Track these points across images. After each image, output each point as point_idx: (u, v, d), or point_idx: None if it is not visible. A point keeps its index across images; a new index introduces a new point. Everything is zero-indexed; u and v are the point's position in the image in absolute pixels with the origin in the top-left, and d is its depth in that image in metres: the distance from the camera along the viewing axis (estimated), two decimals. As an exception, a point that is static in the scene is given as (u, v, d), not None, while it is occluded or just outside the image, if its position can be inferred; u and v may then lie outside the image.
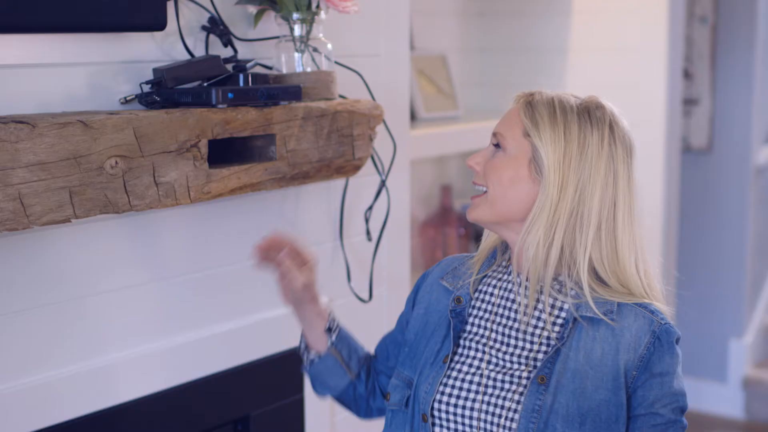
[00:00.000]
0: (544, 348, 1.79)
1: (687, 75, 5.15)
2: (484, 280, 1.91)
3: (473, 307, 1.89)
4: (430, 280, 1.99)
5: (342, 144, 2.28)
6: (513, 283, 1.87)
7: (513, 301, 1.85)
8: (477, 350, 1.84)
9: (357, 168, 2.35)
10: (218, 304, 2.30)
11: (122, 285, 2.09)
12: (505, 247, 1.92)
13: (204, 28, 2.15)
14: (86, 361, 2.04)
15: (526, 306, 1.82)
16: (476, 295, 1.90)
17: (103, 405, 2.08)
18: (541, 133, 1.78)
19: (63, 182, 1.75)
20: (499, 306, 1.87)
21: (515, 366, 1.80)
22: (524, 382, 1.77)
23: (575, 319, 1.79)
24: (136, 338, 2.14)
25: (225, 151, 2.09)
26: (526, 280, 1.82)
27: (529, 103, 1.82)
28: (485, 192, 1.83)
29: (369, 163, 2.48)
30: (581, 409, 1.74)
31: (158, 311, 2.18)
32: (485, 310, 1.87)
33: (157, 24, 2.00)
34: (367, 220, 2.57)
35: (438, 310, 1.93)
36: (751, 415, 5.40)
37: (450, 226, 3.98)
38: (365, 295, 2.62)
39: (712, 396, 5.43)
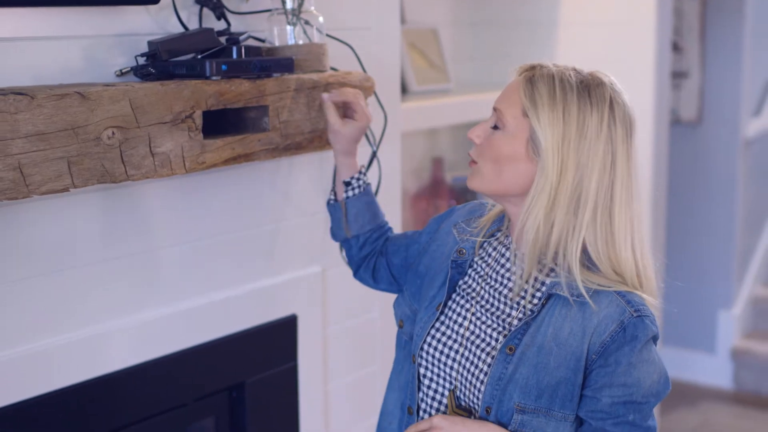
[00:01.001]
0: (519, 316, 1.83)
1: (676, 48, 5.18)
2: (490, 240, 1.96)
3: (474, 261, 1.95)
4: (451, 221, 2.07)
5: (334, 115, 2.31)
6: (511, 251, 1.90)
7: (505, 266, 1.91)
8: (466, 303, 1.91)
9: (349, 139, 2.38)
10: (214, 273, 2.34)
11: (118, 254, 2.12)
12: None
13: (197, 1, 2.17)
14: (82, 330, 2.07)
15: (520, 277, 1.85)
16: (480, 252, 1.95)
17: (98, 373, 2.11)
18: (539, 115, 1.78)
19: (61, 152, 1.79)
20: (493, 269, 1.92)
21: (492, 324, 1.85)
22: (497, 345, 1.82)
23: (550, 296, 1.82)
24: (132, 306, 2.17)
25: (219, 122, 2.12)
26: (523, 256, 1.85)
27: (530, 81, 1.81)
28: (475, 162, 1.88)
29: (361, 134, 2.51)
30: (540, 383, 1.77)
31: (154, 280, 2.21)
32: (482, 268, 1.93)
33: (151, -3, 2.03)
34: (358, 191, 2.60)
35: (443, 253, 2.01)
36: (739, 385, 5.46)
37: (441, 198, 4.01)
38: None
39: (701, 366, 5.49)
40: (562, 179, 1.78)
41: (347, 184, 2.22)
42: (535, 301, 1.83)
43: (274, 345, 2.50)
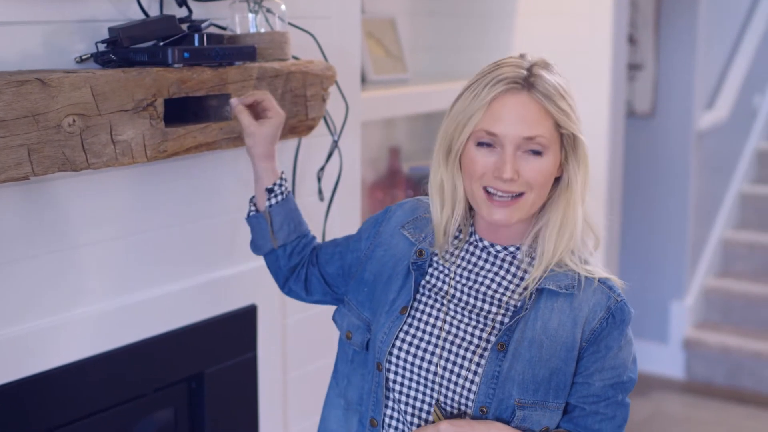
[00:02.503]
0: (504, 313, 1.83)
1: (632, 41, 5.22)
2: (465, 245, 1.91)
3: (434, 261, 1.91)
4: (393, 223, 1.99)
5: (295, 104, 2.30)
6: (478, 248, 1.89)
7: (476, 264, 1.88)
8: (435, 303, 1.87)
9: (310, 128, 2.38)
10: (174, 263, 2.32)
11: (77, 243, 2.10)
12: (469, 214, 1.91)
13: (159, -13, 2.16)
14: (39, 320, 2.05)
15: (502, 276, 1.86)
16: (441, 252, 1.91)
17: (56, 363, 2.09)
18: (573, 122, 1.80)
19: (21, 140, 1.76)
20: (465, 268, 1.89)
21: (475, 325, 1.83)
22: (484, 345, 1.81)
23: (537, 291, 1.82)
24: (90, 297, 2.15)
25: (181, 111, 2.10)
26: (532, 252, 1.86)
27: (545, 95, 1.78)
28: (521, 195, 1.79)
29: (321, 123, 2.51)
30: (536, 377, 1.79)
31: (113, 270, 2.19)
32: (446, 267, 1.89)
33: (113, -17, 2.01)
34: (319, 180, 2.60)
35: (395, 256, 1.94)
36: (691, 375, 5.52)
37: (398, 188, 4.01)
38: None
39: (653, 356, 5.54)
40: (583, 172, 1.84)
41: (270, 191, 2.08)
42: (516, 296, 1.84)
43: (233, 335, 2.49)
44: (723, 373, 5.45)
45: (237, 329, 2.50)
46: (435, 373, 1.83)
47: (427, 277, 1.90)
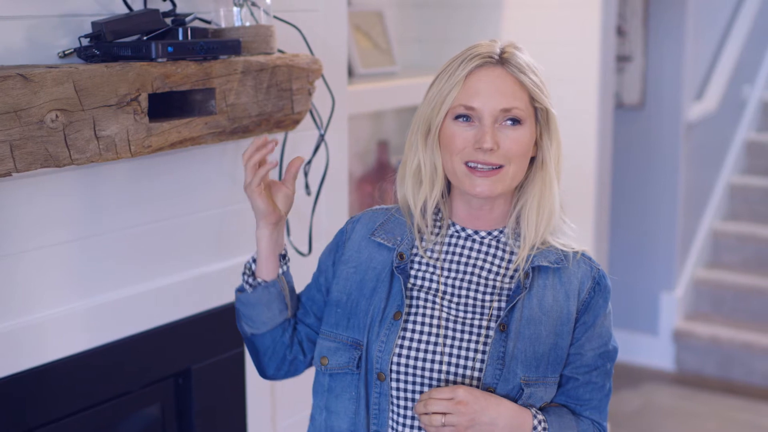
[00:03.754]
0: (498, 298, 1.84)
1: (620, 32, 5.21)
2: (444, 237, 1.90)
3: (413, 261, 1.89)
4: (358, 237, 1.94)
5: (281, 98, 2.29)
6: (461, 238, 1.89)
7: (462, 255, 1.88)
8: (427, 302, 1.85)
9: (296, 122, 2.37)
10: (159, 258, 2.31)
11: (62, 239, 2.09)
12: (437, 204, 1.90)
13: (143, -19, 2.14)
14: (25, 317, 2.04)
15: (491, 262, 1.87)
16: (413, 250, 1.89)
17: (43, 360, 2.08)
18: (545, 95, 1.83)
19: (3, 136, 1.75)
20: (444, 260, 1.88)
21: (472, 316, 1.83)
22: (485, 332, 1.82)
23: (531, 270, 1.84)
24: (77, 292, 2.14)
25: (165, 105, 2.09)
26: (511, 238, 1.88)
27: (519, 69, 1.81)
28: (501, 167, 1.80)
29: (307, 118, 2.49)
30: (537, 353, 1.82)
31: (99, 265, 2.18)
32: (427, 264, 1.88)
33: (96, -23, 2.00)
34: (306, 174, 2.58)
35: (373, 267, 1.90)
36: (681, 367, 5.52)
37: (386, 181, 3.97)
38: (304, 249, 2.64)
39: (643, 348, 5.54)
40: (557, 150, 1.87)
41: (283, 257, 1.98)
42: (508, 278, 1.85)
43: (220, 331, 2.48)
44: (713, 365, 5.45)
45: (224, 325, 2.48)
46: (440, 371, 1.82)
47: (413, 279, 1.88)
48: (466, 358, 1.81)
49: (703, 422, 4.89)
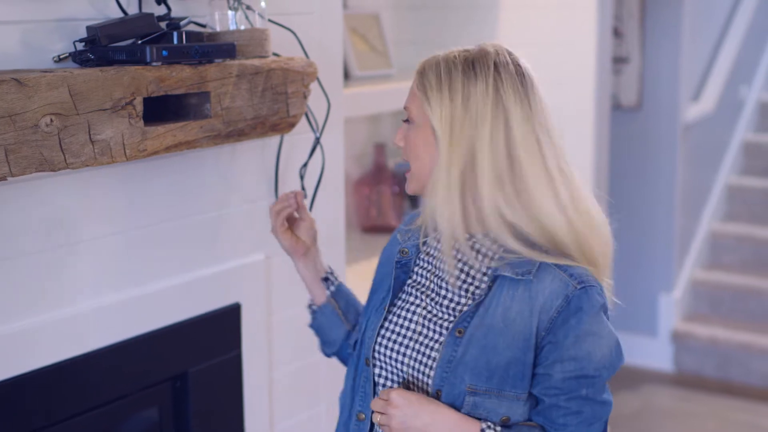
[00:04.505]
0: (467, 303, 1.84)
1: (617, 33, 5.21)
2: (434, 235, 1.93)
3: (420, 259, 1.94)
4: (393, 238, 2.06)
5: (276, 101, 2.29)
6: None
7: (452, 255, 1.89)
8: (415, 299, 1.91)
9: (292, 125, 2.37)
10: (156, 261, 2.31)
11: (57, 243, 2.09)
12: None
13: (137, -15, 2.14)
14: (20, 321, 2.03)
15: (465, 262, 1.86)
16: (424, 248, 1.94)
17: (39, 364, 2.07)
18: (430, 100, 1.81)
19: (-2, 140, 1.75)
20: (438, 260, 1.90)
21: (443, 316, 1.86)
22: (442, 332, 1.84)
23: (496, 278, 1.82)
24: (72, 296, 2.14)
25: (160, 109, 2.09)
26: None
27: (421, 72, 1.86)
28: (410, 168, 1.89)
29: (303, 121, 2.50)
30: (490, 364, 1.79)
31: (95, 269, 2.18)
32: (429, 263, 1.92)
33: (90, -19, 2.00)
34: (302, 177, 2.59)
35: (390, 261, 2.00)
36: (680, 368, 5.52)
37: (384, 184, 4.01)
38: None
39: (642, 349, 5.54)
40: (455, 155, 1.79)
41: (326, 280, 2.19)
42: (483, 285, 1.83)
43: (217, 334, 2.48)
44: (712, 366, 5.45)
45: (221, 328, 2.49)
46: (405, 365, 1.87)
47: (413, 276, 1.94)
48: (424, 354, 1.85)
49: (702, 423, 4.89)
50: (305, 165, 2.59)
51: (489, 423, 1.79)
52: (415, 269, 1.94)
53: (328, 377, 2.84)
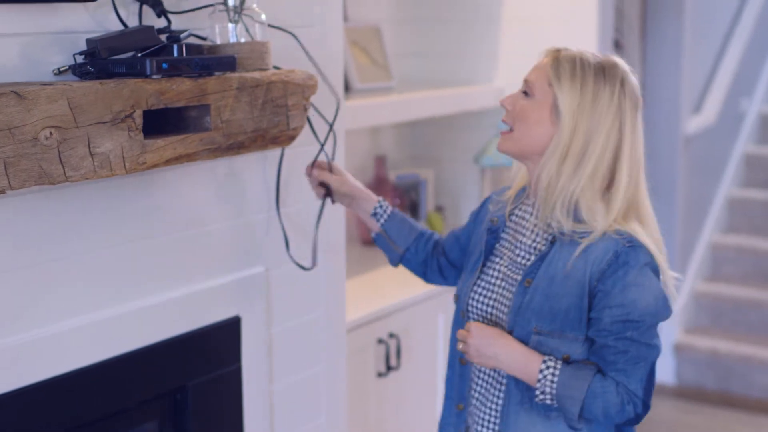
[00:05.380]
0: (533, 258, 2.19)
1: (618, 46, 5.21)
2: (519, 206, 2.29)
3: (507, 227, 2.29)
4: (486, 205, 2.42)
5: (277, 114, 2.29)
6: (529, 205, 2.26)
7: (524, 224, 2.25)
8: (500, 260, 2.26)
9: (292, 138, 2.37)
10: (156, 274, 2.31)
11: (56, 257, 2.08)
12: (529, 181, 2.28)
13: (137, -2, 2.14)
14: (21, 334, 2.03)
15: (534, 225, 2.21)
16: (512, 218, 2.30)
17: (39, 378, 2.07)
18: (562, 85, 2.12)
19: (-3, 153, 1.75)
20: (519, 228, 2.26)
21: (517, 271, 2.21)
22: (515, 284, 2.19)
23: (558, 237, 2.16)
24: (73, 309, 2.13)
25: (160, 122, 2.09)
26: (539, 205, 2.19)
27: (556, 58, 2.15)
28: (511, 130, 2.20)
29: (304, 133, 2.49)
30: (552, 309, 2.14)
31: (95, 282, 2.17)
32: (513, 230, 2.27)
33: (90, -6, 2.00)
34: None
35: (482, 228, 2.37)
36: (682, 380, 5.51)
37: (385, 196, 4.00)
38: (307, 263, 2.64)
39: (643, 362, 5.51)
40: (574, 139, 2.11)
41: (374, 215, 2.53)
42: (544, 242, 2.18)
43: (217, 347, 2.48)
44: (713, 378, 5.44)
45: (221, 341, 2.48)
46: (491, 313, 2.24)
47: (501, 242, 2.29)
48: (504, 304, 2.21)
49: (703, 436, 4.88)
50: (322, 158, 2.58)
51: (551, 356, 2.13)
52: (502, 235, 2.29)
53: (328, 389, 2.84)
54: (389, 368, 3.31)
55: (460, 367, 2.33)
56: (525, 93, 2.18)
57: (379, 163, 4.06)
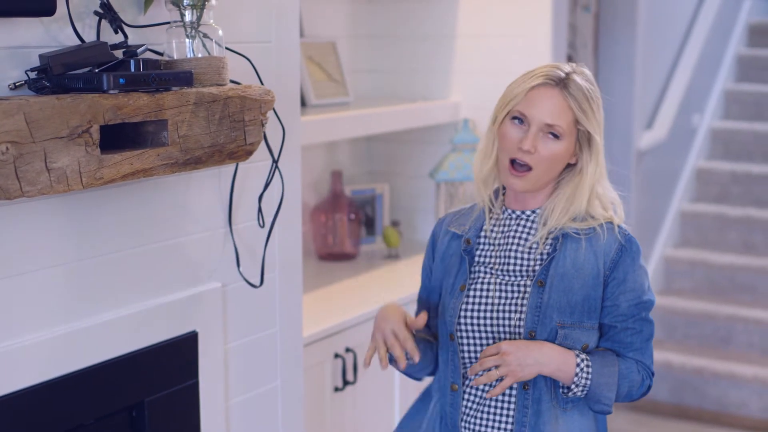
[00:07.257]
0: (539, 261, 2.28)
1: (571, 61, 5.26)
2: (490, 220, 2.36)
3: (478, 243, 2.35)
4: (441, 234, 2.43)
5: (234, 129, 2.29)
6: (512, 219, 2.33)
7: (510, 228, 2.32)
8: (485, 274, 2.32)
9: (249, 153, 2.37)
10: (112, 290, 2.30)
11: (12, 273, 2.07)
12: (497, 194, 2.38)
13: (96, 13, 2.13)
14: (-23, 350, 2.02)
15: (529, 230, 2.31)
16: (482, 233, 2.36)
17: (-5, 394, 2.06)
18: (589, 120, 2.25)
19: (-47, 168, 1.74)
20: (500, 238, 2.33)
21: (518, 277, 2.29)
22: (525, 288, 2.27)
23: (563, 237, 2.28)
24: (27, 326, 2.12)
25: (117, 137, 2.08)
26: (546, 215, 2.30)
27: (572, 95, 2.23)
28: (530, 170, 2.25)
29: (260, 149, 2.49)
30: (570, 302, 2.25)
31: (50, 299, 2.16)
32: (489, 243, 2.34)
33: (46, 9, 1.98)
34: (260, 206, 2.58)
35: (450, 254, 2.39)
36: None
37: (341, 211, 4.01)
38: (255, 280, 2.64)
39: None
40: (600, 156, 2.30)
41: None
42: (548, 246, 2.28)
43: (174, 362, 2.47)
44: (666, 391, 5.48)
45: (178, 356, 2.47)
46: (492, 325, 2.28)
47: (477, 258, 2.34)
48: (512, 311, 2.26)
49: (657, 448, 4.91)
50: (262, 193, 2.59)
51: (577, 350, 2.25)
52: (477, 252, 2.34)
53: (285, 404, 2.83)
54: (346, 383, 3.31)
55: (452, 394, 2.34)
56: (553, 135, 2.23)
57: (335, 178, 4.07)
